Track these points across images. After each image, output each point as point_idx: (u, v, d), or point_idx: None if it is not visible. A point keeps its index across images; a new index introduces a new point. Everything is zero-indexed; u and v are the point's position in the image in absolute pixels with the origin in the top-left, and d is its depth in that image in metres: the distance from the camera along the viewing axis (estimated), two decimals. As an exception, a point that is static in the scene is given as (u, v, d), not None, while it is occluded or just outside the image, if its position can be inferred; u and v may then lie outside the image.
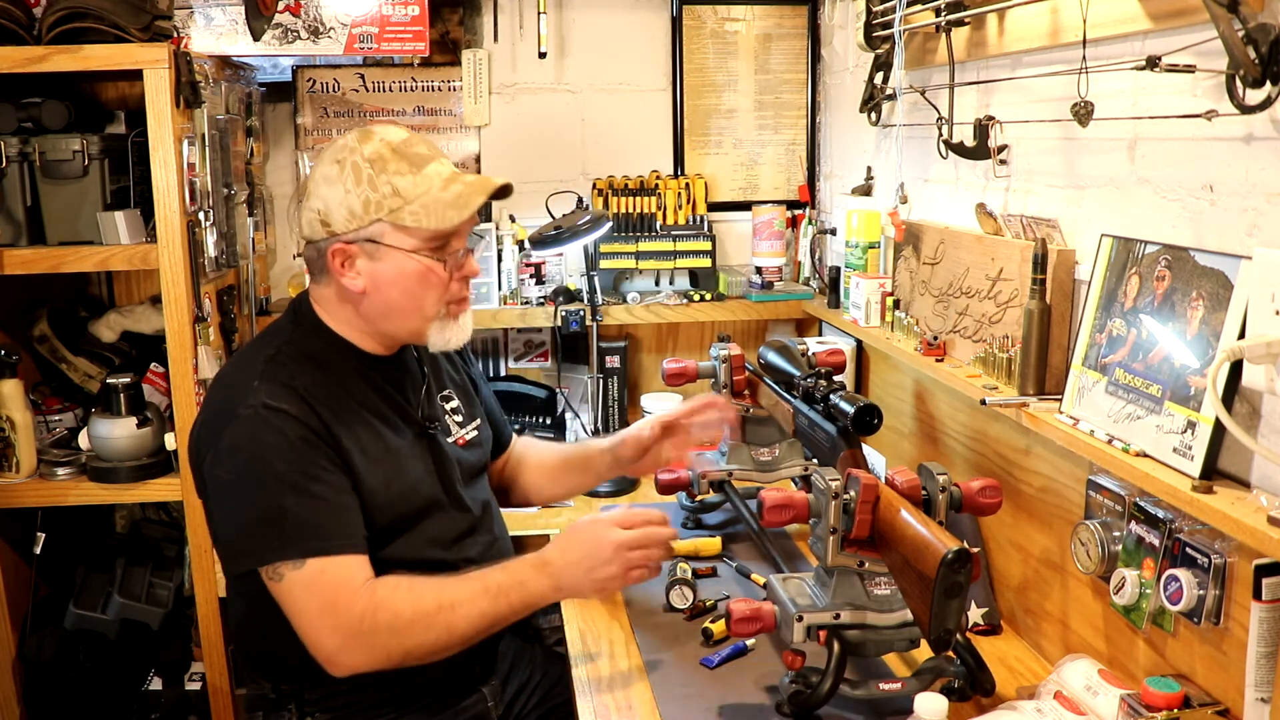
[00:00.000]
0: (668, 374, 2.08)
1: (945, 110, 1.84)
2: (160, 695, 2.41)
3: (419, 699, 1.59)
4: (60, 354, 2.36)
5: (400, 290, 1.50)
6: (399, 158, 1.48)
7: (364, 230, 1.47)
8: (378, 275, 1.49)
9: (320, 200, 1.48)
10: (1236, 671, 1.22)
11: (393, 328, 1.56)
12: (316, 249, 1.52)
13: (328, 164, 1.49)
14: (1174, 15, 1.29)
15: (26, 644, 2.24)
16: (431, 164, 1.50)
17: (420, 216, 1.46)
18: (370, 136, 1.49)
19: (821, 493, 1.40)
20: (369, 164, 1.46)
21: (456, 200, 1.48)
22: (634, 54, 2.79)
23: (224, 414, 1.46)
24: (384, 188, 1.46)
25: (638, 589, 1.85)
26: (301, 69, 2.69)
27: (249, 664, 1.63)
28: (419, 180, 1.47)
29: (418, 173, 1.48)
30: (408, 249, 1.48)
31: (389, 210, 1.46)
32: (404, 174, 1.47)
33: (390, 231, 1.47)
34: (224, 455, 1.45)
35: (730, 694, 1.51)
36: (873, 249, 2.26)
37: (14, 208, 2.09)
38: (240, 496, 1.44)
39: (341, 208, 1.46)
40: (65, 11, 1.95)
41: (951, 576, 1.18)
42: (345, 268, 1.49)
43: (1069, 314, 1.58)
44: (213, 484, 1.48)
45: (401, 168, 1.47)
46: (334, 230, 1.48)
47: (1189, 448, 1.24)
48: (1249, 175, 1.21)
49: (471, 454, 1.72)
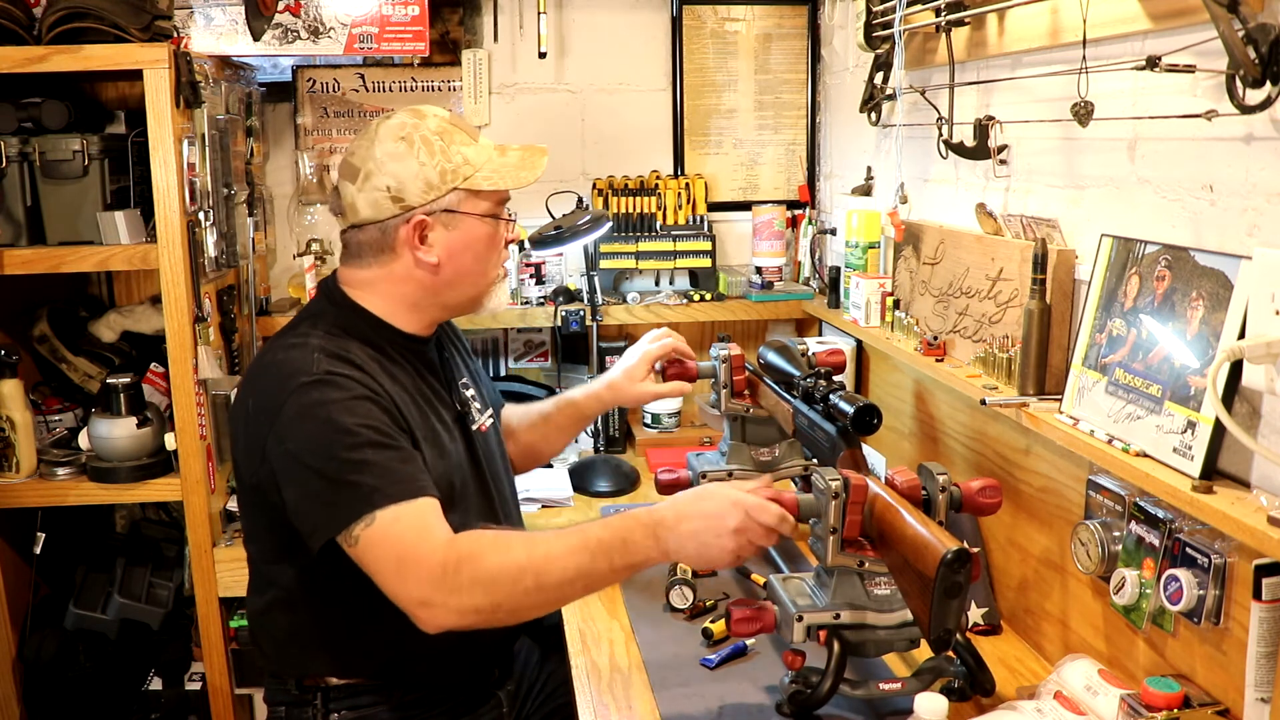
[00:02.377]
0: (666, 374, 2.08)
1: (945, 110, 1.84)
2: (160, 695, 2.41)
3: (440, 703, 1.60)
4: (60, 354, 2.36)
5: (474, 255, 1.56)
6: (459, 130, 1.56)
7: (441, 200, 1.53)
8: (452, 244, 1.55)
9: (390, 177, 1.50)
10: (1236, 671, 1.22)
11: (457, 296, 1.60)
12: (380, 228, 1.53)
13: (390, 142, 1.52)
14: (1174, 15, 1.29)
15: (26, 644, 2.24)
16: (481, 137, 1.61)
17: (495, 179, 1.55)
18: (424, 114, 1.56)
19: (821, 493, 1.40)
20: (438, 136, 1.53)
21: (523, 163, 1.59)
22: (634, 54, 2.79)
23: (281, 390, 1.42)
24: (456, 157, 1.53)
25: (637, 590, 1.85)
26: (301, 69, 2.69)
27: (270, 661, 1.60)
28: (480, 150, 1.57)
29: (476, 143, 1.57)
30: (480, 213, 1.56)
31: (464, 178, 1.53)
32: (468, 144, 1.56)
33: (465, 198, 1.54)
34: (289, 426, 1.40)
35: (730, 694, 1.51)
36: (873, 249, 2.26)
37: (14, 208, 2.09)
38: (309, 462, 1.39)
39: (418, 180, 1.51)
40: (65, 11, 1.95)
41: (951, 576, 1.18)
42: (420, 241, 1.53)
43: (1069, 314, 1.58)
44: (280, 462, 1.42)
45: (464, 139, 1.56)
46: (409, 204, 1.52)
47: (1189, 448, 1.24)
48: (1249, 175, 1.21)
49: (493, 441, 1.74)
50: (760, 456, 2.04)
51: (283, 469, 1.42)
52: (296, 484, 1.41)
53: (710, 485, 1.44)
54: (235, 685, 2.27)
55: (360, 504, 1.36)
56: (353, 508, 1.36)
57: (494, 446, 1.75)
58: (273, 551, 1.55)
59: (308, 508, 1.40)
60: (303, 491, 1.41)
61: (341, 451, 1.37)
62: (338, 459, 1.37)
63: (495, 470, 1.71)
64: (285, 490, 1.42)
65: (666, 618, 1.75)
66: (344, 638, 1.55)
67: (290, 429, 1.40)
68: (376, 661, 1.56)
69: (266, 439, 1.43)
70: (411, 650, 1.54)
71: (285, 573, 1.54)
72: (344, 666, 1.55)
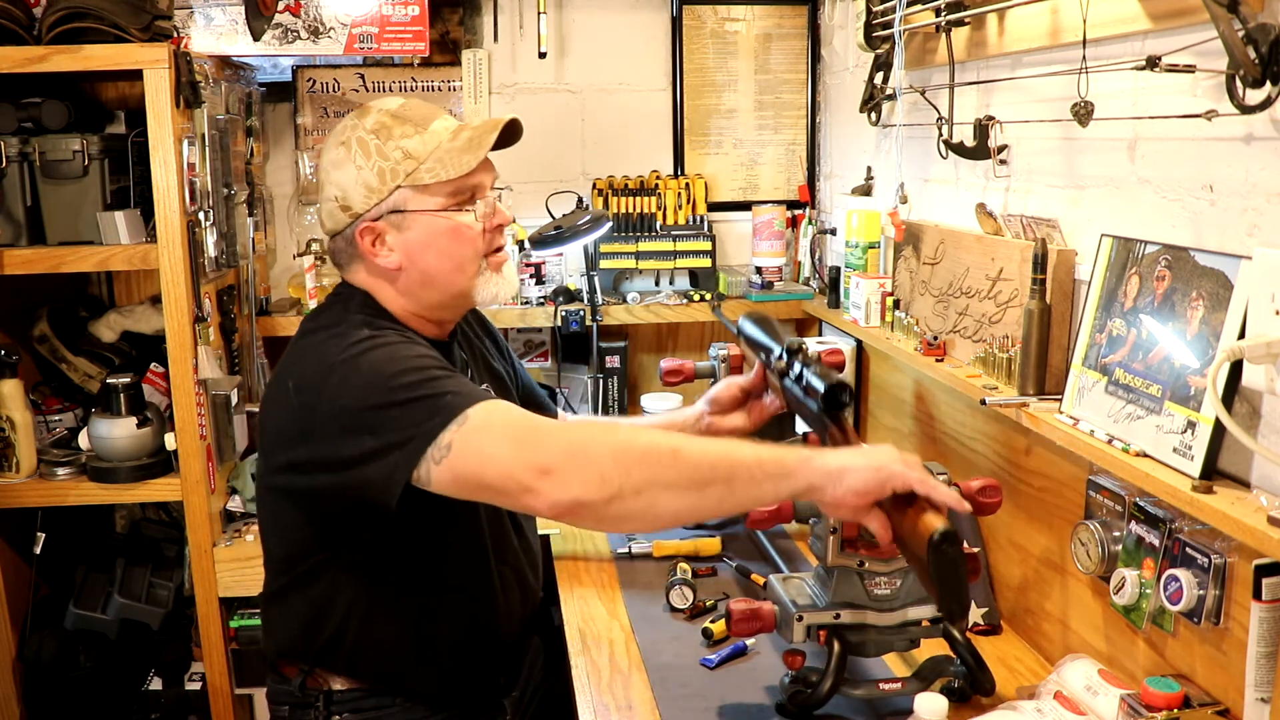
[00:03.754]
0: (664, 373, 2.08)
1: (945, 110, 1.84)
2: (160, 695, 2.41)
3: (444, 708, 1.57)
4: (60, 354, 2.36)
5: (436, 253, 1.44)
6: (401, 121, 1.44)
7: (385, 202, 1.43)
8: (409, 245, 1.44)
9: (335, 186, 1.44)
10: (1236, 671, 1.22)
11: (437, 296, 1.49)
12: (344, 238, 1.47)
13: (333, 149, 1.46)
14: (1174, 15, 1.29)
15: (26, 644, 2.24)
16: (436, 120, 1.46)
17: (437, 170, 1.42)
18: (368, 111, 1.46)
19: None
20: (373, 135, 1.43)
21: (469, 145, 1.44)
22: (634, 54, 2.79)
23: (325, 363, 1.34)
24: (394, 153, 1.42)
25: (637, 590, 1.85)
26: (301, 69, 2.69)
27: (279, 652, 1.55)
28: (427, 138, 1.43)
29: (424, 131, 1.44)
30: (434, 209, 1.43)
31: (405, 174, 1.42)
32: (410, 135, 1.43)
33: (413, 196, 1.43)
34: (340, 386, 1.30)
35: (730, 694, 1.51)
36: (873, 249, 2.26)
37: (14, 208, 2.09)
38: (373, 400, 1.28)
39: (358, 186, 1.42)
40: (65, 11, 1.95)
41: (942, 557, 1.16)
42: (377, 246, 1.44)
43: (1069, 314, 1.58)
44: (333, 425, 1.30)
45: (406, 130, 1.43)
46: (356, 212, 1.44)
47: (1189, 448, 1.24)
48: (1249, 175, 1.21)
49: None
50: (760, 456, 2.04)
51: (339, 430, 1.30)
52: (359, 433, 1.28)
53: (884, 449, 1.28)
54: (235, 685, 2.27)
55: (447, 410, 1.25)
56: (439, 415, 1.24)
57: None
58: (294, 544, 1.49)
59: (379, 446, 1.27)
60: (370, 435, 1.27)
61: (409, 376, 1.28)
62: (405, 383, 1.28)
63: None
64: (345, 450, 1.29)
65: (666, 618, 1.76)
66: (355, 638, 1.51)
67: (342, 387, 1.30)
68: (384, 666, 1.53)
69: (315, 411, 1.33)
70: (420, 656, 1.52)
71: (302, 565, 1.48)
72: (350, 669, 1.52)
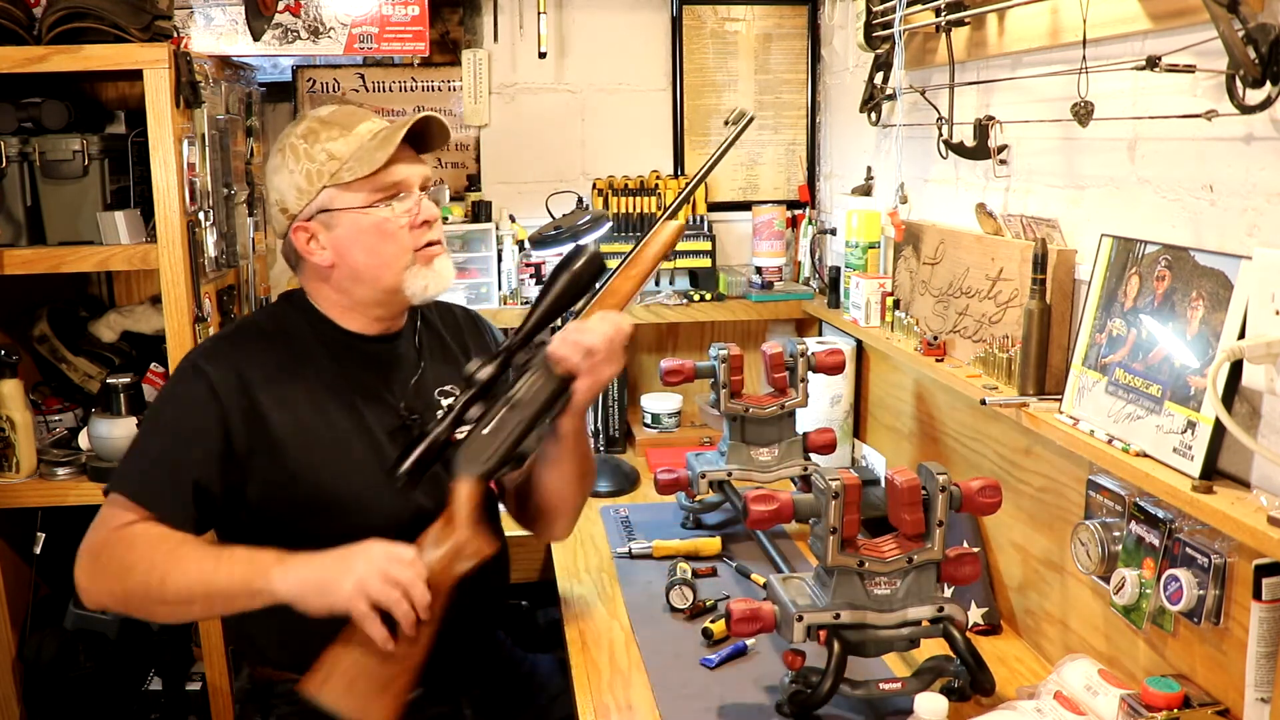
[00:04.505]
0: (664, 373, 2.08)
1: (945, 110, 1.84)
2: (160, 695, 2.40)
3: None
4: (60, 354, 2.36)
5: (363, 249, 1.52)
6: (329, 125, 1.53)
7: (314, 202, 1.51)
8: (339, 242, 1.52)
9: (274, 190, 1.54)
10: (1236, 671, 1.22)
11: (368, 291, 1.55)
12: (287, 241, 1.57)
13: (273, 156, 1.56)
14: (1174, 15, 1.29)
15: (26, 644, 2.24)
16: (363, 123, 1.54)
17: (355, 168, 1.50)
18: (302, 119, 1.56)
19: (821, 493, 1.40)
20: (302, 139, 1.52)
21: (382, 142, 1.51)
22: (634, 54, 2.79)
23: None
24: (320, 155, 1.50)
25: (637, 589, 1.85)
26: (301, 69, 2.69)
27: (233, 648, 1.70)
28: (350, 139, 1.52)
29: (349, 133, 1.52)
30: (358, 206, 1.51)
31: (330, 174, 1.50)
32: (336, 138, 1.51)
33: (338, 194, 1.50)
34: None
35: (730, 694, 1.52)
36: (873, 249, 2.26)
37: (14, 208, 2.09)
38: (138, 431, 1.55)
39: (291, 189, 1.52)
40: (65, 11, 1.95)
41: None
42: (311, 245, 1.53)
43: (1069, 314, 1.58)
44: None
45: (333, 133, 1.52)
46: (292, 213, 1.53)
47: (1189, 448, 1.24)
48: (1249, 175, 1.21)
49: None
50: (759, 456, 2.04)
51: None
52: None
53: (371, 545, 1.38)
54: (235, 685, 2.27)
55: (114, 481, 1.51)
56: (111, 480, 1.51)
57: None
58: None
59: None
60: None
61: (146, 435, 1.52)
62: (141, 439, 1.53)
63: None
64: None
65: (666, 618, 1.75)
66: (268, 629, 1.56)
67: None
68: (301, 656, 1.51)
69: None
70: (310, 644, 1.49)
71: None
72: (273, 659, 1.58)
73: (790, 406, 2.04)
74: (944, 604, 1.42)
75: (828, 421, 2.29)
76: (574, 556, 2.03)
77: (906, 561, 1.41)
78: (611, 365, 1.49)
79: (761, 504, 1.42)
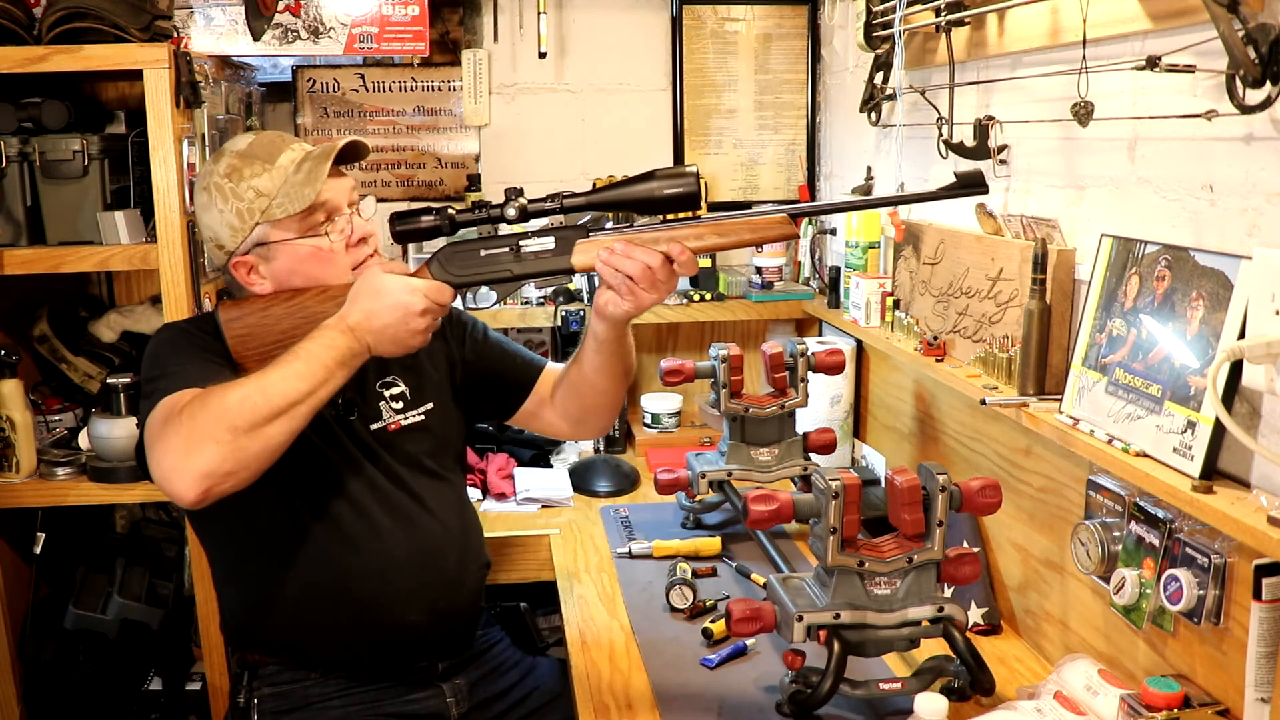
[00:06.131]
0: (664, 373, 2.08)
1: (945, 110, 1.84)
2: (160, 695, 2.40)
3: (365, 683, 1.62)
4: (60, 354, 2.36)
5: (302, 277, 1.54)
6: (249, 160, 1.54)
7: (250, 238, 1.54)
8: (278, 272, 1.55)
9: (208, 229, 1.57)
10: (1236, 671, 1.22)
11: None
12: (226, 273, 1.60)
13: (199, 194, 1.58)
14: (1174, 15, 1.29)
15: (26, 644, 2.24)
16: (283, 153, 1.55)
17: (286, 205, 1.52)
18: (221, 155, 1.57)
19: (821, 492, 1.40)
20: (226, 178, 1.53)
21: (308, 178, 1.52)
22: (634, 54, 2.79)
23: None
24: (247, 194, 1.52)
25: (637, 589, 1.85)
26: (301, 69, 2.69)
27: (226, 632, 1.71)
28: (275, 173, 1.53)
29: (271, 166, 1.53)
30: (293, 237, 1.54)
31: (260, 211, 1.52)
32: (259, 174, 1.53)
33: (271, 229, 1.53)
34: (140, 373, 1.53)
35: (730, 694, 1.52)
36: (873, 249, 2.26)
37: (14, 208, 2.09)
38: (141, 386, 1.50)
39: (224, 228, 1.54)
40: (65, 11, 1.95)
41: None
42: (252, 277, 1.57)
43: (1069, 314, 1.58)
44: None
45: (255, 169, 1.53)
46: (228, 250, 1.56)
47: (1189, 448, 1.24)
48: (1249, 175, 1.21)
49: (408, 439, 1.67)
50: (759, 456, 2.04)
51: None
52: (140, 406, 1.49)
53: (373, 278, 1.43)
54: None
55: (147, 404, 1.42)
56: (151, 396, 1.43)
57: (414, 443, 1.68)
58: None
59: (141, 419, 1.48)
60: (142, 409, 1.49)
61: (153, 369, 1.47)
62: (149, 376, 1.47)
63: (408, 466, 1.66)
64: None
65: (666, 618, 1.76)
66: (249, 613, 1.62)
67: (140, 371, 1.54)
68: (280, 639, 1.61)
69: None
70: (310, 628, 1.59)
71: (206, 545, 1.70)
72: (255, 642, 1.63)
73: (790, 406, 2.04)
74: (944, 604, 1.41)
75: (828, 421, 2.29)
76: (574, 556, 2.03)
77: (906, 561, 1.41)
78: (653, 293, 1.44)
79: (761, 504, 1.42)
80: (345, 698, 1.61)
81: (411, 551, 1.62)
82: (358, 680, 1.62)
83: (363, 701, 1.61)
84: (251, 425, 1.31)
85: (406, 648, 1.64)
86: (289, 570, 1.58)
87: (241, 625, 1.65)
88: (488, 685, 1.73)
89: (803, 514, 1.43)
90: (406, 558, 1.61)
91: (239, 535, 1.60)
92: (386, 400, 1.68)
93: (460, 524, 1.72)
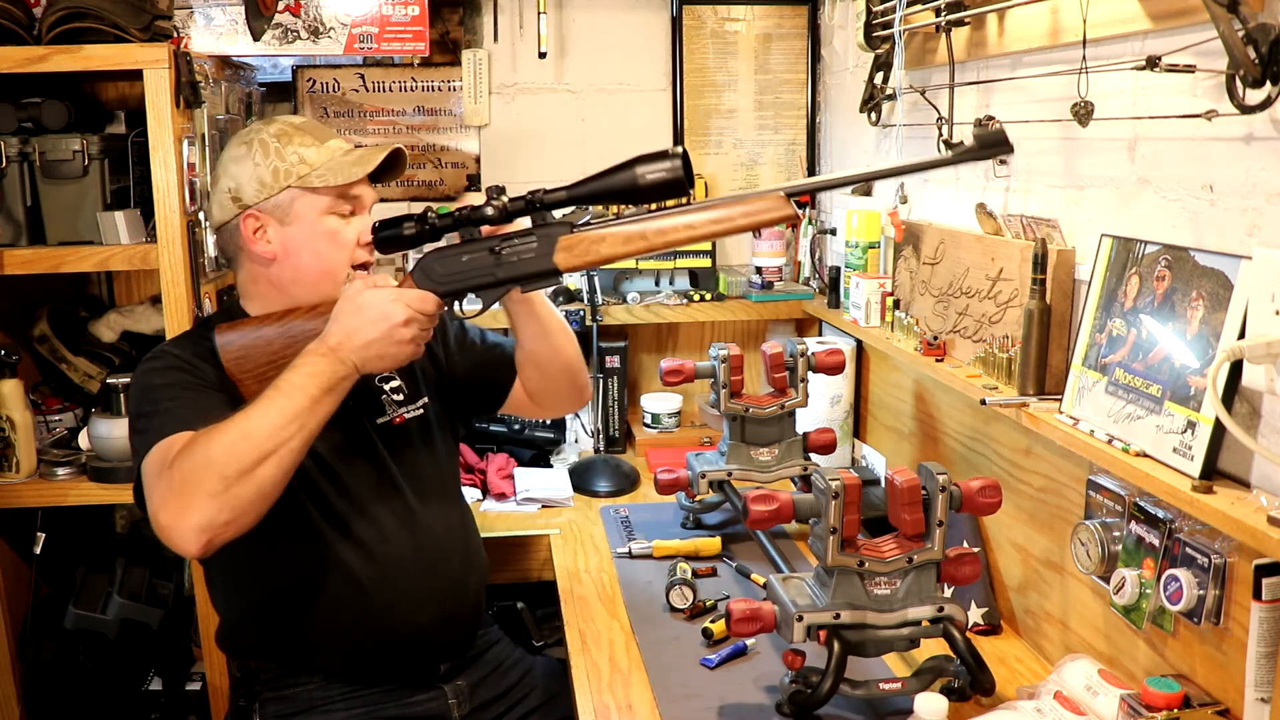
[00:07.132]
0: (664, 373, 2.08)
1: (945, 110, 1.84)
2: (160, 695, 2.40)
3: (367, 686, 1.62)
4: (60, 354, 2.36)
5: (311, 252, 1.56)
6: (303, 133, 1.58)
7: (274, 198, 1.55)
8: (288, 239, 1.56)
9: (231, 179, 1.56)
10: (1236, 671, 1.22)
11: (305, 292, 1.57)
12: (228, 229, 1.59)
13: (235, 146, 1.59)
14: (1174, 15, 1.29)
15: (26, 644, 2.24)
16: (333, 139, 1.60)
17: (327, 176, 1.54)
18: (273, 120, 1.60)
19: (821, 492, 1.40)
20: (275, 139, 1.56)
21: (360, 159, 1.56)
22: (634, 54, 2.79)
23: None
24: (291, 157, 1.55)
25: (637, 589, 1.85)
26: (301, 69, 2.69)
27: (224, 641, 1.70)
28: (323, 150, 1.57)
29: (321, 145, 1.58)
30: (318, 211, 1.56)
31: (298, 176, 1.54)
32: (309, 145, 1.56)
33: (300, 196, 1.55)
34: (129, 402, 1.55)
35: (730, 694, 1.52)
36: (873, 249, 2.26)
37: (14, 208, 2.09)
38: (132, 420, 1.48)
39: (252, 180, 1.55)
40: (65, 11, 1.95)
41: None
42: (258, 235, 1.56)
43: (1069, 314, 1.58)
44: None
45: (306, 140, 1.57)
46: (245, 203, 1.56)
47: (1189, 448, 1.24)
48: (1249, 175, 1.21)
49: (410, 434, 1.69)
50: (759, 456, 2.04)
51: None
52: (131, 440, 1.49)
53: (353, 294, 1.42)
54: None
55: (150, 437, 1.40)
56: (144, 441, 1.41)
57: (416, 439, 1.70)
58: None
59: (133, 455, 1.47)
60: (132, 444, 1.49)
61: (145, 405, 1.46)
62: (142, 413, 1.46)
63: (411, 464, 1.67)
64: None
65: (666, 618, 1.76)
66: (251, 620, 1.63)
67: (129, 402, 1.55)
68: (284, 645, 1.61)
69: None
70: (316, 632, 1.59)
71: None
72: (253, 649, 1.63)
73: (790, 406, 2.04)
74: (944, 604, 1.42)
75: (828, 421, 2.29)
76: (574, 556, 2.03)
77: (906, 561, 1.41)
78: None
79: (761, 504, 1.42)
80: (348, 701, 1.61)
81: (418, 554, 1.62)
82: (360, 684, 1.62)
83: (365, 705, 1.61)
84: (240, 472, 1.29)
85: (412, 650, 1.64)
86: (296, 575, 1.58)
87: (241, 632, 1.64)
88: (489, 686, 1.74)
89: (803, 514, 1.43)
90: (414, 560, 1.62)
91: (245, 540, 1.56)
92: (387, 394, 1.69)
93: (462, 524, 1.74)
